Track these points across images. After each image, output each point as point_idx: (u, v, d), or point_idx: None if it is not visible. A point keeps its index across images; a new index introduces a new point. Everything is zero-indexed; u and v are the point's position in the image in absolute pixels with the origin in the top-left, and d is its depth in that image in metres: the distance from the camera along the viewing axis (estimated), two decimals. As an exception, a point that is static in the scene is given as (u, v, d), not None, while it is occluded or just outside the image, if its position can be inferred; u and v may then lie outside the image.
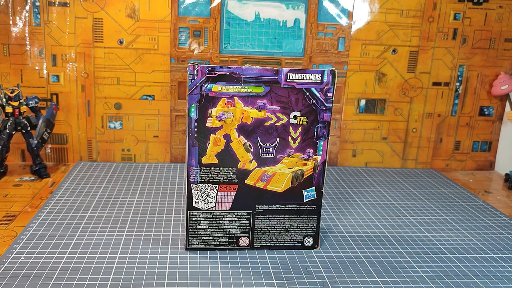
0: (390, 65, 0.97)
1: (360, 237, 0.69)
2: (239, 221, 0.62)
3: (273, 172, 0.61)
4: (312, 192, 0.62)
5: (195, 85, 0.57)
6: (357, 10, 0.93)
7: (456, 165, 1.05)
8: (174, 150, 0.97)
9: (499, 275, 0.60)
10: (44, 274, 0.54)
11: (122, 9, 0.89)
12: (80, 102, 0.92)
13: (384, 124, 1.00)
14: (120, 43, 0.90)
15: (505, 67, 1.00)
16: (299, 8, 0.92)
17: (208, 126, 0.58)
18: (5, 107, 0.83)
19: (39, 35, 0.88)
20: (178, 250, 0.62)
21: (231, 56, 0.93)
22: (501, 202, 0.87)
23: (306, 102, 0.59)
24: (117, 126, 0.95)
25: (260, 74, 0.58)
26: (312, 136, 0.60)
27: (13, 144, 0.90)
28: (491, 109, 1.02)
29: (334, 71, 0.59)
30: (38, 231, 0.65)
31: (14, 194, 0.78)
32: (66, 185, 0.82)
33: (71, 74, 0.91)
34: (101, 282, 0.53)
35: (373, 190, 0.88)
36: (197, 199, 0.60)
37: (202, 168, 0.59)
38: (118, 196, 0.79)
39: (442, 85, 0.99)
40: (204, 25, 0.91)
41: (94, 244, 0.62)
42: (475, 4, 0.96)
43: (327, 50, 0.95)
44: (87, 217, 0.70)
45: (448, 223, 0.75)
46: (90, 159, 0.96)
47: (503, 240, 0.70)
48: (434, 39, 0.96)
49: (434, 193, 0.88)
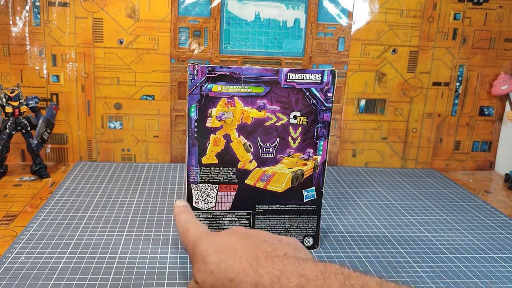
0: (390, 65, 0.97)
1: (360, 237, 0.69)
2: (239, 221, 0.62)
3: (273, 172, 0.61)
4: (312, 192, 0.62)
5: (195, 85, 0.57)
6: (357, 10, 0.93)
7: (456, 165, 1.05)
8: (174, 150, 0.97)
9: (499, 275, 0.60)
10: (44, 274, 0.54)
11: (122, 9, 0.89)
12: (80, 102, 0.92)
13: (384, 124, 1.00)
14: (120, 43, 0.90)
15: (505, 67, 1.00)
16: (299, 8, 0.92)
17: (208, 126, 0.58)
18: (5, 107, 0.83)
19: (39, 35, 0.88)
20: (178, 250, 0.62)
21: (231, 56, 0.93)
22: (501, 202, 0.87)
23: (306, 102, 0.59)
24: (117, 126, 0.95)
25: (260, 74, 0.58)
26: (312, 136, 0.60)
27: (13, 144, 0.90)
28: (491, 109, 1.02)
29: (334, 71, 0.59)
30: (38, 231, 0.65)
31: (14, 194, 0.78)
32: (66, 185, 0.82)
33: (71, 74, 0.91)
34: (101, 282, 0.53)
35: (373, 190, 0.88)
36: (197, 199, 0.60)
37: (202, 168, 0.59)
38: (118, 196, 0.79)
39: (442, 85, 0.99)
40: (204, 25, 0.91)
41: (94, 244, 0.62)
42: (475, 4, 0.96)
43: (327, 50, 0.95)
44: (87, 217, 0.70)
45: (448, 223, 0.75)
46: (90, 159, 0.96)
47: (503, 240, 0.70)
48: (434, 39, 0.96)
49: (434, 193, 0.88)
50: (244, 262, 0.40)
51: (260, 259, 0.40)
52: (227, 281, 0.40)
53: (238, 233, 0.46)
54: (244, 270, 0.39)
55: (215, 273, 0.40)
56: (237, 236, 0.45)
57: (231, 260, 0.41)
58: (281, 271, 0.38)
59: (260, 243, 0.43)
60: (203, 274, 0.41)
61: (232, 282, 0.39)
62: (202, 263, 0.42)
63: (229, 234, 0.45)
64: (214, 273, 0.40)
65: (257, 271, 0.39)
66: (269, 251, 0.41)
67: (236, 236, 0.45)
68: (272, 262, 0.39)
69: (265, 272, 0.38)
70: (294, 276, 0.37)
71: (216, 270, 0.40)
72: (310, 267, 0.38)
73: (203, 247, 0.43)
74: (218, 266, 0.41)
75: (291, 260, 0.39)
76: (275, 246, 0.42)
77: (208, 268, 0.41)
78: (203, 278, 0.41)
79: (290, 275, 0.37)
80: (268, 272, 0.38)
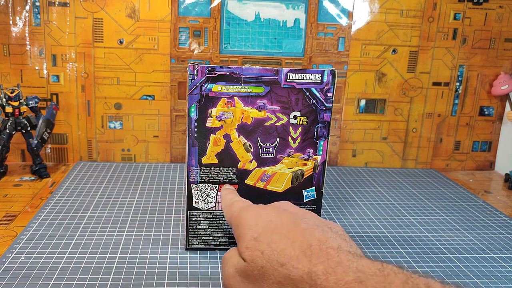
0: (390, 65, 0.97)
1: (360, 237, 0.69)
2: (239, 221, 0.62)
3: (273, 172, 0.61)
4: (312, 192, 0.62)
5: (195, 85, 0.57)
6: (357, 10, 0.93)
7: (456, 165, 1.05)
8: (174, 150, 0.97)
9: (499, 275, 0.60)
10: (44, 274, 0.54)
11: (122, 9, 0.89)
12: (80, 102, 0.92)
13: (384, 124, 1.00)
14: (120, 43, 0.90)
15: (505, 67, 1.00)
16: (299, 8, 0.92)
17: (208, 126, 0.58)
18: (5, 107, 0.83)
19: (39, 35, 0.88)
20: (178, 250, 0.62)
21: (231, 56, 0.93)
22: (501, 202, 0.87)
23: (306, 102, 0.59)
24: (117, 126, 0.95)
25: (260, 74, 0.58)
26: (312, 136, 0.60)
27: (13, 144, 0.90)
28: (491, 109, 1.02)
29: (334, 71, 0.59)
30: (38, 231, 0.65)
31: (14, 194, 0.78)
32: (66, 185, 0.82)
33: (71, 74, 0.91)
34: (101, 282, 0.53)
35: (373, 190, 0.88)
36: (197, 199, 0.60)
37: (202, 168, 0.59)
38: (118, 196, 0.79)
39: (442, 85, 0.99)
40: (204, 25, 0.91)
41: (94, 244, 0.62)
42: (475, 4, 0.96)
43: (327, 50, 0.95)
44: (87, 217, 0.70)
45: (448, 223, 0.75)
46: (90, 159, 0.96)
47: (503, 240, 0.70)
48: (434, 39, 0.96)
49: (434, 193, 0.88)
50: (297, 248, 0.37)
51: (314, 248, 0.37)
52: (278, 265, 0.37)
53: (287, 211, 0.43)
54: (297, 257, 0.37)
55: (266, 254, 0.38)
56: (287, 216, 0.42)
57: (284, 242, 0.38)
58: (337, 263, 0.35)
59: (313, 229, 0.40)
60: (253, 253, 0.38)
61: (283, 267, 0.37)
62: (252, 240, 0.39)
63: (278, 211, 0.42)
64: (265, 253, 0.38)
65: (311, 260, 0.36)
66: (322, 240, 0.38)
67: (287, 216, 0.42)
68: (327, 253, 0.37)
69: (319, 262, 0.36)
70: (352, 270, 0.35)
71: (268, 251, 0.38)
72: (367, 263, 0.36)
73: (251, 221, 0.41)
74: (270, 247, 0.38)
75: (347, 254, 0.37)
76: (327, 235, 0.39)
77: (259, 247, 0.38)
78: (253, 257, 0.38)
79: (347, 269, 0.35)
80: (323, 262, 0.36)
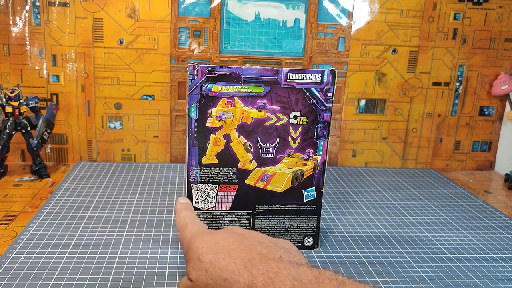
0: (390, 65, 0.97)
1: (360, 237, 0.69)
2: (239, 221, 0.62)
3: (273, 172, 0.61)
4: (312, 192, 0.62)
5: (195, 85, 0.57)
6: (357, 10, 0.93)
7: (456, 165, 1.05)
8: (174, 150, 0.97)
9: (499, 275, 0.60)
10: (44, 274, 0.54)
11: (122, 9, 0.89)
12: (80, 102, 0.92)
13: (384, 124, 1.00)
14: (120, 43, 0.90)
15: (505, 67, 1.00)
16: (299, 8, 0.92)
17: (208, 126, 0.58)
18: (5, 107, 0.83)
19: (39, 35, 0.88)
20: (178, 250, 0.62)
21: (231, 56, 0.93)
22: (501, 202, 0.87)
23: (306, 102, 0.59)
24: (117, 126, 0.95)
25: (260, 74, 0.58)
26: (312, 136, 0.60)
27: (13, 144, 0.90)
28: (491, 109, 1.02)
29: (334, 71, 0.59)
30: (38, 231, 0.65)
31: (14, 194, 0.78)
32: (66, 185, 0.82)
33: (71, 74, 0.91)
34: (101, 282, 0.53)
35: (373, 190, 0.88)
36: (197, 199, 0.60)
37: (202, 168, 0.59)
38: (118, 196, 0.79)
39: (442, 85, 0.99)
40: (204, 25, 0.91)
41: (94, 244, 0.62)
42: (475, 4, 0.96)
43: (327, 50, 0.95)
44: (87, 217, 0.70)
45: (448, 223, 0.75)
46: (90, 159, 0.96)
47: (503, 240, 0.70)
48: (434, 39, 0.96)
49: (434, 193, 0.88)
50: (239, 263, 0.40)
51: (255, 260, 0.40)
52: (221, 280, 0.40)
53: (234, 233, 0.46)
54: (238, 271, 0.40)
55: (210, 271, 0.41)
56: (233, 237, 0.45)
57: (226, 259, 0.41)
58: (275, 273, 0.38)
59: (256, 245, 0.43)
60: (198, 272, 0.42)
61: (226, 282, 0.40)
62: (197, 261, 0.42)
63: (225, 234, 0.46)
64: (208, 271, 0.41)
65: (252, 272, 0.39)
66: (264, 254, 0.41)
67: (232, 236, 0.45)
68: (267, 264, 0.39)
69: (259, 274, 0.39)
70: (288, 279, 0.37)
71: (211, 269, 0.41)
72: (305, 271, 0.38)
73: (199, 245, 0.44)
74: (213, 265, 0.41)
75: (286, 264, 0.39)
76: (270, 249, 0.43)
77: (203, 266, 0.41)
78: (198, 276, 0.42)
79: (284, 278, 0.38)
80: (262, 274, 0.38)
